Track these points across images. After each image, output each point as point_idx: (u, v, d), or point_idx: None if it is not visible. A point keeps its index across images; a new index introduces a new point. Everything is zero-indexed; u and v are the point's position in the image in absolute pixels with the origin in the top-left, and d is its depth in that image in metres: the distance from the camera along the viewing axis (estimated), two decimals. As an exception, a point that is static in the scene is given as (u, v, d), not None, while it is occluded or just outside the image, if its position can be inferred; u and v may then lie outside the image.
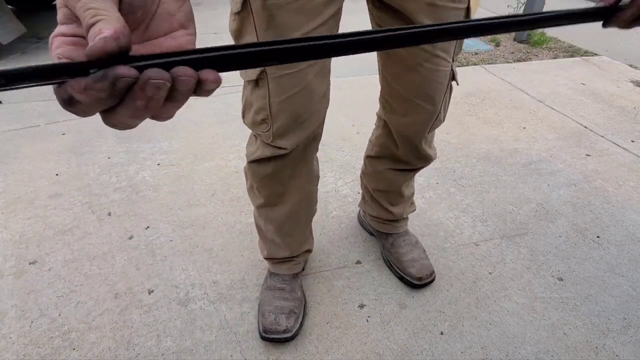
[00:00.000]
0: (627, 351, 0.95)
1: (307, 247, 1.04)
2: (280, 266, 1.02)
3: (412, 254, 1.11)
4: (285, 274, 1.02)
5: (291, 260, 1.01)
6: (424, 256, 1.13)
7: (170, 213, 1.35)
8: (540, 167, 1.60)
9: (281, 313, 0.94)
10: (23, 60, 2.69)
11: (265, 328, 0.93)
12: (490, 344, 0.96)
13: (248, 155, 0.85)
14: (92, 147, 1.70)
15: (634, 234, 1.28)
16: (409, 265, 1.09)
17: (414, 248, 1.13)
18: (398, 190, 1.07)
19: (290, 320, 0.94)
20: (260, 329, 0.94)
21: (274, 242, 0.97)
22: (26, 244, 1.22)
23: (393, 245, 1.15)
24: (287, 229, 0.95)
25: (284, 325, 0.93)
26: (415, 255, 1.11)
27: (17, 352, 0.94)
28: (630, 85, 2.34)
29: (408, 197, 1.12)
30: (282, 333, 0.92)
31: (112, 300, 1.06)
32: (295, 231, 0.97)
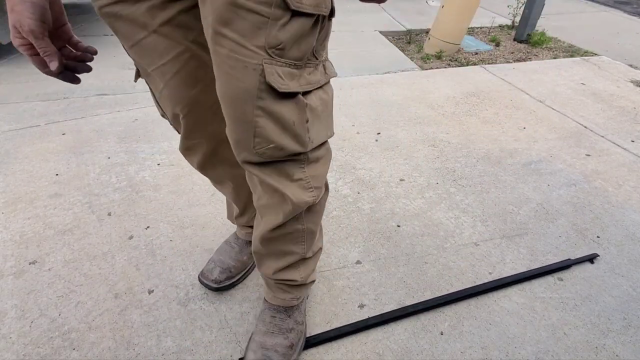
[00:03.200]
0: (627, 351, 0.95)
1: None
2: (239, 230, 1.13)
3: (267, 338, 0.88)
4: (241, 238, 1.12)
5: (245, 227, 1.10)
6: (281, 352, 0.87)
7: (170, 213, 1.35)
8: (540, 167, 1.60)
9: (219, 266, 1.08)
10: (23, 60, 2.69)
11: (202, 272, 1.09)
12: (490, 344, 0.96)
13: None
14: (92, 147, 1.70)
15: (634, 234, 1.28)
16: (252, 348, 0.87)
17: (276, 334, 0.89)
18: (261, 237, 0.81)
19: (222, 275, 1.07)
20: (200, 272, 1.10)
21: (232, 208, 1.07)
22: (26, 244, 1.22)
23: (260, 315, 0.94)
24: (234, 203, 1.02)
25: (215, 276, 1.06)
26: (269, 342, 0.87)
27: (17, 352, 0.94)
28: (630, 85, 2.34)
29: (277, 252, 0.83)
30: (210, 281, 1.06)
31: (112, 300, 1.06)
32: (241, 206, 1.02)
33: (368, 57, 2.75)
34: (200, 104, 0.76)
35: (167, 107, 0.77)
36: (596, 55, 2.81)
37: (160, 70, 0.70)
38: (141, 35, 0.66)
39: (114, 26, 0.67)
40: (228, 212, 1.13)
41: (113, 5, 0.64)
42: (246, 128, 0.63)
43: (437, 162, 1.63)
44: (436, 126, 1.88)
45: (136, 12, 0.64)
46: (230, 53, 0.58)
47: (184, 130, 0.80)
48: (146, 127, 1.86)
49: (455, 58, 2.75)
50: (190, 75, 0.71)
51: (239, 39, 0.57)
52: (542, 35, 3.05)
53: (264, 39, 0.57)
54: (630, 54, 2.91)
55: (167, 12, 0.64)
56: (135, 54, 0.70)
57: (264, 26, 0.56)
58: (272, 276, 0.86)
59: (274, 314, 0.92)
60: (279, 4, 0.55)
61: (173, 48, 0.68)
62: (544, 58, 2.78)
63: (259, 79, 0.59)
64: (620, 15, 4.06)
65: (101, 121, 1.91)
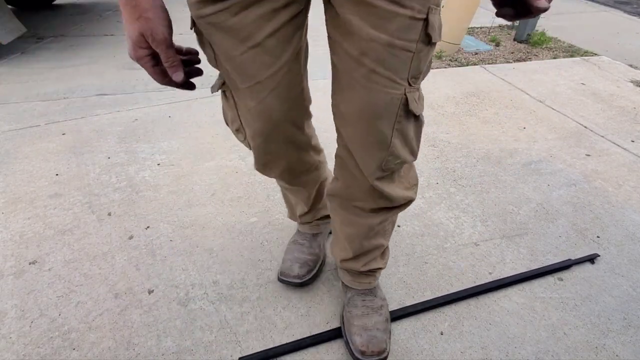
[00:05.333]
0: (627, 351, 0.95)
1: (325, 212, 1.11)
2: (304, 226, 1.15)
3: (366, 320, 0.93)
4: (307, 233, 1.14)
5: (311, 222, 1.13)
6: (381, 328, 0.92)
7: (170, 213, 1.35)
8: (540, 167, 1.60)
9: (296, 262, 1.08)
10: (23, 60, 2.69)
11: (281, 272, 1.09)
12: (490, 344, 0.96)
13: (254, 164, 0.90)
14: (92, 147, 1.70)
15: (634, 234, 1.28)
16: (356, 332, 0.91)
17: (372, 314, 0.94)
18: (356, 235, 0.88)
19: (303, 270, 1.07)
20: (278, 272, 1.10)
21: (295, 208, 1.10)
22: (26, 244, 1.22)
23: (349, 302, 0.98)
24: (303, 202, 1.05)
25: (297, 272, 1.06)
26: (369, 323, 0.92)
27: (17, 352, 0.94)
28: (630, 85, 2.34)
29: (371, 247, 0.90)
30: (293, 278, 1.06)
31: (112, 300, 1.06)
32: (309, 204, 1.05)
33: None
34: (288, 120, 0.76)
35: (254, 123, 0.73)
36: (596, 55, 2.82)
37: (256, 88, 0.67)
38: (241, 49, 0.63)
39: (212, 38, 0.63)
40: (290, 212, 1.15)
41: (217, 14, 0.59)
42: (381, 148, 0.69)
43: (437, 162, 1.63)
44: (436, 126, 1.88)
45: (243, 22, 0.60)
46: (382, 88, 0.63)
47: (264, 147, 0.78)
48: (146, 127, 1.86)
49: (455, 58, 2.75)
50: (285, 91, 0.70)
51: (391, 75, 0.62)
52: (542, 35, 3.05)
53: (408, 71, 0.63)
54: (630, 54, 2.91)
55: (273, 23, 0.61)
56: (230, 68, 0.66)
57: (409, 60, 0.62)
58: (361, 269, 0.95)
59: (363, 297, 0.98)
60: (423, 39, 0.61)
61: (272, 64, 0.65)
62: (544, 58, 2.78)
63: (401, 106, 0.65)
64: (620, 15, 4.06)
65: (101, 121, 1.91)
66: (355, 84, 0.64)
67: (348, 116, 0.68)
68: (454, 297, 1.06)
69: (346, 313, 0.97)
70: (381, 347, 0.89)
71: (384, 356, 0.89)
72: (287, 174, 0.90)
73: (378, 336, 0.90)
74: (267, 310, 1.04)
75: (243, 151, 1.68)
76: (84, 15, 3.80)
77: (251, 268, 1.16)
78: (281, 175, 0.90)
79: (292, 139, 0.80)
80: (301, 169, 0.92)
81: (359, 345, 0.89)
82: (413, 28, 0.59)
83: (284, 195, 1.12)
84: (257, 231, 1.28)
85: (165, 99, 2.13)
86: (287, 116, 0.74)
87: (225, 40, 0.62)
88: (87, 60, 2.68)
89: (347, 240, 0.90)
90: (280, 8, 0.61)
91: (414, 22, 0.58)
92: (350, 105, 0.66)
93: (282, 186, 1.03)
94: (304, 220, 1.12)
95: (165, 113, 1.99)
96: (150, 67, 0.59)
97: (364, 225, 0.85)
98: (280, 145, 0.79)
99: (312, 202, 1.05)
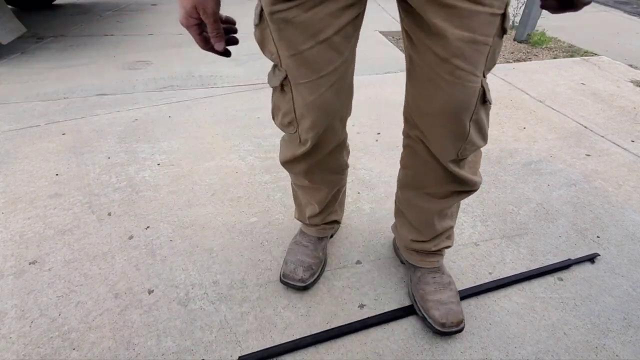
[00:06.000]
0: (627, 351, 0.95)
1: (334, 217, 1.13)
2: (310, 228, 1.14)
3: (440, 295, 0.99)
4: (312, 235, 1.14)
5: (318, 225, 1.13)
6: (455, 301, 0.98)
7: (170, 213, 1.35)
8: (540, 167, 1.60)
9: (300, 265, 1.08)
10: (23, 60, 2.69)
11: (284, 274, 1.08)
12: (490, 344, 0.96)
13: (280, 158, 0.94)
14: (92, 147, 1.70)
15: (634, 234, 1.28)
16: (433, 307, 0.97)
17: (444, 289, 1.00)
18: (428, 220, 0.94)
19: (307, 273, 1.07)
20: (281, 274, 1.09)
21: (305, 209, 1.10)
22: (26, 244, 1.22)
23: (420, 280, 1.03)
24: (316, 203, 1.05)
25: (300, 275, 1.06)
26: (443, 297, 0.98)
27: (17, 352, 0.94)
28: (630, 85, 2.34)
29: (442, 230, 0.97)
30: (297, 281, 1.06)
31: (112, 300, 1.06)
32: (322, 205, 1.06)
33: (368, 57, 2.75)
34: (339, 114, 0.81)
35: (309, 117, 0.77)
36: (596, 55, 2.82)
37: (317, 82, 0.72)
38: (310, 43, 0.67)
39: (282, 33, 0.68)
40: (299, 212, 1.14)
41: (291, 10, 0.64)
42: (460, 137, 0.74)
43: (437, 162, 1.63)
44: (436, 126, 1.88)
45: (313, 18, 0.65)
46: (465, 82, 0.67)
47: (313, 142, 0.82)
48: (146, 127, 1.86)
49: (455, 58, 2.75)
50: (341, 86, 0.76)
51: (472, 70, 0.66)
52: (542, 35, 3.05)
53: (485, 64, 0.68)
54: (630, 54, 2.91)
55: (340, 21, 0.66)
56: (294, 63, 0.70)
57: (487, 53, 0.66)
58: (433, 248, 1.00)
59: (433, 274, 1.02)
60: (499, 33, 0.66)
61: (335, 59, 0.71)
62: (544, 58, 2.78)
63: (479, 97, 0.70)
64: (620, 15, 4.06)
65: (101, 121, 1.91)
66: (439, 80, 0.68)
67: (428, 109, 0.73)
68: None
69: (419, 290, 1.02)
70: (459, 318, 0.95)
71: (462, 326, 0.95)
72: (320, 167, 0.93)
73: (454, 309, 0.96)
74: (267, 310, 1.04)
75: (243, 151, 1.68)
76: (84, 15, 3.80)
77: (251, 268, 1.16)
78: (310, 169, 0.92)
79: (335, 133, 0.85)
80: (331, 165, 0.95)
81: (438, 319, 0.95)
82: (492, 23, 0.63)
83: (294, 195, 1.12)
84: (257, 231, 1.28)
85: (165, 99, 2.13)
86: (339, 110, 0.80)
87: (295, 35, 0.67)
88: (87, 60, 2.68)
89: (419, 225, 0.97)
90: (346, 7, 0.66)
91: (493, 17, 0.63)
92: (433, 99, 0.71)
93: (301, 185, 1.02)
94: (312, 222, 1.11)
95: (165, 113, 1.99)
96: (197, 34, 0.66)
97: (435, 211, 0.92)
98: (329, 135, 0.83)
99: (327, 204, 1.05)
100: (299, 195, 1.09)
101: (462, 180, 0.83)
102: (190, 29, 0.65)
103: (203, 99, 2.13)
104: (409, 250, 1.05)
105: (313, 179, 0.97)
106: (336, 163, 0.96)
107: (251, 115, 1.96)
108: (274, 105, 0.84)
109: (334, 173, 0.99)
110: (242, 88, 2.27)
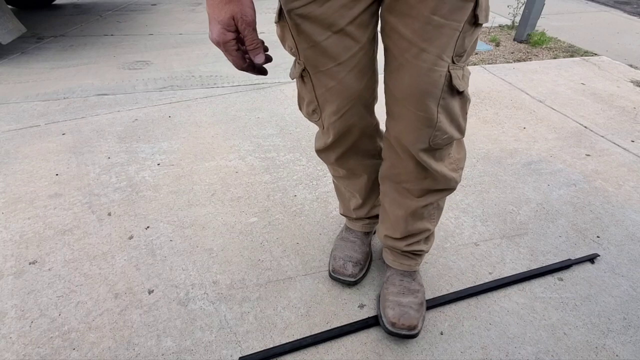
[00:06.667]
0: (627, 351, 0.95)
1: (378, 212, 1.11)
2: (355, 223, 1.15)
3: (402, 298, 0.97)
4: (358, 231, 1.15)
5: (363, 219, 1.13)
6: (415, 308, 0.95)
7: (170, 213, 1.35)
8: (540, 167, 1.60)
9: (349, 261, 1.09)
10: (23, 60, 2.69)
11: (334, 269, 1.09)
12: (490, 344, 0.96)
13: (315, 147, 0.97)
14: (92, 147, 1.70)
15: (634, 234, 1.28)
16: (390, 306, 0.96)
17: (408, 294, 0.98)
18: (402, 216, 0.94)
19: (356, 269, 1.08)
20: (330, 269, 1.11)
21: (349, 202, 1.11)
22: (26, 244, 1.22)
23: (387, 280, 1.03)
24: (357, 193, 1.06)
25: (350, 270, 1.07)
26: (404, 301, 0.96)
27: (17, 352, 0.94)
28: (630, 85, 2.34)
29: (415, 231, 0.95)
30: (347, 276, 1.07)
31: (112, 300, 1.06)
32: (364, 195, 1.06)
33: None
34: (362, 98, 0.82)
35: (331, 103, 0.80)
36: (596, 55, 2.81)
37: (336, 68, 0.75)
38: (325, 35, 0.71)
39: (300, 27, 0.71)
40: (344, 207, 1.14)
41: (307, 6, 0.68)
42: (428, 124, 0.75)
43: (437, 162, 1.63)
44: (436, 126, 1.88)
45: (328, 11, 0.68)
46: (430, 66, 0.68)
47: (340, 127, 0.84)
48: (146, 127, 1.86)
49: (455, 58, 2.75)
50: (361, 71, 0.78)
51: (439, 53, 0.68)
52: (542, 35, 3.05)
53: (453, 50, 0.68)
54: (630, 54, 2.91)
55: (353, 11, 0.69)
56: (313, 53, 0.74)
57: (455, 39, 0.67)
58: (404, 248, 0.99)
59: (402, 277, 1.02)
60: (470, 20, 0.67)
61: (352, 47, 0.73)
62: (544, 58, 2.78)
63: (445, 83, 0.71)
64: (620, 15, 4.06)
65: (101, 121, 1.91)
66: (406, 64, 0.70)
67: (398, 94, 0.75)
68: (454, 297, 1.06)
69: (383, 290, 1.02)
70: (412, 323, 0.92)
71: (414, 332, 0.93)
72: (353, 152, 0.94)
73: (410, 313, 0.94)
74: (267, 310, 1.04)
75: (243, 151, 1.68)
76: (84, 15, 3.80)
77: (251, 268, 1.16)
78: (346, 154, 0.93)
79: (362, 117, 0.86)
80: (366, 148, 0.95)
81: (390, 317, 0.94)
82: (463, 9, 0.65)
83: (337, 190, 1.13)
84: (257, 231, 1.28)
85: (165, 99, 2.13)
86: (361, 95, 0.81)
87: (313, 28, 0.70)
88: (87, 60, 2.68)
89: (395, 221, 0.96)
90: None
91: (465, 3, 0.64)
92: (401, 84, 0.73)
93: (340, 176, 1.04)
94: (358, 215, 1.12)
95: (165, 113, 1.99)
96: (235, 50, 0.62)
97: (411, 208, 0.92)
98: (354, 119, 0.84)
99: (367, 192, 1.06)
100: (341, 188, 1.10)
101: (435, 175, 0.83)
102: (226, 45, 0.61)
103: (203, 99, 2.13)
104: (384, 248, 1.08)
105: (348, 166, 0.98)
106: (369, 147, 0.96)
107: (251, 115, 1.96)
108: (299, 96, 0.87)
109: (369, 157, 0.98)
110: (242, 88, 2.27)
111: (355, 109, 0.83)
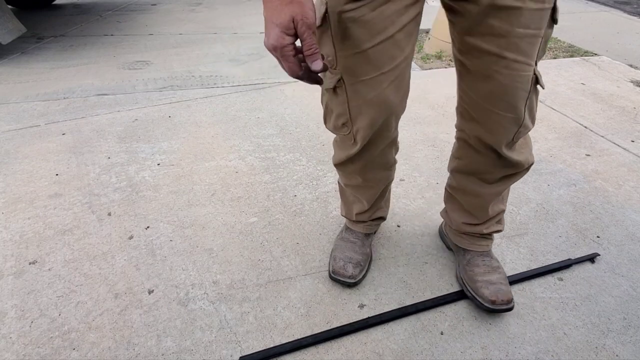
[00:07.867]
0: (627, 351, 0.95)
1: (380, 214, 1.14)
2: (356, 225, 1.15)
3: (489, 276, 1.01)
4: (359, 232, 1.15)
5: (365, 222, 1.14)
6: (504, 282, 1.01)
7: (170, 213, 1.35)
8: (540, 167, 1.60)
9: (349, 262, 1.09)
10: (23, 60, 2.69)
11: (334, 270, 1.09)
12: (490, 344, 0.96)
13: (334, 160, 0.98)
14: (92, 147, 1.70)
15: (634, 234, 1.28)
16: (483, 287, 1.00)
17: (493, 271, 1.03)
18: (482, 204, 0.99)
19: (356, 270, 1.08)
20: (330, 270, 1.10)
21: (353, 206, 1.11)
22: (26, 244, 1.22)
23: (469, 263, 1.06)
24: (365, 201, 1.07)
25: (350, 272, 1.07)
26: (492, 278, 1.01)
27: (17, 352, 0.94)
28: (630, 85, 2.34)
29: (494, 213, 1.01)
30: (348, 278, 1.07)
31: (112, 300, 1.06)
32: (371, 202, 1.07)
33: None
34: (397, 112, 0.82)
35: (365, 116, 0.79)
36: (596, 55, 2.81)
37: (378, 79, 0.73)
38: (374, 41, 0.69)
39: (347, 32, 0.68)
40: (346, 210, 1.15)
41: (359, 9, 0.66)
42: (516, 123, 0.78)
43: (437, 162, 1.63)
44: (436, 126, 1.88)
45: (379, 16, 0.66)
46: (521, 73, 0.71)
47: (368, 138, 0.83)
48: (146, 127, 1.86)
49: (455, 58, 2.75)
50: (400, 83, 0.77)
51: (527, 60, 0.70)
52: (542, 35, 3.05)
53: (537, 53, 0.72)
54: (630, 54, 2.91)
55: (404, 18, 0.68)
56: (356, 61, 0.72)
57: (539, 44, 0.71)
58: (484, 231, 1.04)
59: (483, 258, 1.06)
60: (550, 25, 0.71)
61: (397, 57, 0.72)
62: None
63: (532, 84, 0.74)
64: (620, 15, 4.06)
65: (101, 121, 1.91)
66: (496, 75, 0.72)
67: (487, 102, 0.76)
68: (454, 297, 1.06)
69: (468, 272, 1.05)
70: (509, 297, 0.97)
71: (512, 305, 0.97)
72: (375, 164, 0.94)
73: (503, 288, 0.99)
74: (267, 310, 1.04)
75: (243, 151, 1.68)
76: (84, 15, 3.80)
77: (251, 268, 1.16)
78: (367, 165, 0.94)
79: (390, 130, 0.86)
80: (382, 162, 0.96)
81: (488, 296, 0.97)
82: (544, 17, 0.68)
83: (342, 193, 1.13)
84: (257, 231, 1.28)
85: (165, 99, 2.13)
86: (397, 107, 0.81)
87: (362, 33, 0.68)
88: (87, 60, 2.68)
89: (473, 209, 1.01)
90: (409, 5, 0.68)
91: (545, 12, 0.67)
92: (490, 93, 0.75)
93: (353, 185, 1.03)
94: (359, 219, 1.12)
95: (165, 113, 1.99)
96: (292, 56, 0.58)
97: (490, 194, 0.96)
98: (385, 132, 0.85)
99: (375, 200, 1.07)
100: (347, 194, 1.10)
101: (514, 164, 0.87)
102: (284, 49, 0.56)
103: (203, 99, 2.13)
104: (460, 234, 1.09)
105: (366, 177, 0.98)
106: (386, 159, 0.97)
107: (251, 115, 1.96)
108: (326, 109, 0.85)
109: (384, 169, 1.00)
110: (242, 88, 2.27)
111: (387, 122, 0.82)
